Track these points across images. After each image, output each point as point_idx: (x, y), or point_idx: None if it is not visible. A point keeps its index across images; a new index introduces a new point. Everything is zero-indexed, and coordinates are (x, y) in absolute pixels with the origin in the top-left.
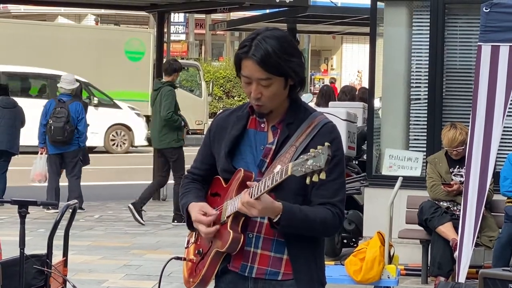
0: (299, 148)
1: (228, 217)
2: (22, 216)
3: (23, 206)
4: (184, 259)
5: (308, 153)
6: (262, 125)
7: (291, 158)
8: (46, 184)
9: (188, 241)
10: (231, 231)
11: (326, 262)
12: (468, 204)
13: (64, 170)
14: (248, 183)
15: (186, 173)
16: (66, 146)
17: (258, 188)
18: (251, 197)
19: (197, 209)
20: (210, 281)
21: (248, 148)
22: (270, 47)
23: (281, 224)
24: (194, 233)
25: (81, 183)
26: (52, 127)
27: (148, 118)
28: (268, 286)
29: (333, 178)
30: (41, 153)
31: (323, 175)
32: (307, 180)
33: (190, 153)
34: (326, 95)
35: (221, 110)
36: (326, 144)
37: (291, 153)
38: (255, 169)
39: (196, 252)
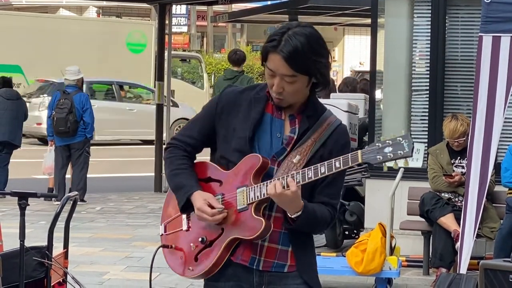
0: (318, 142)
1: (250, 204)
2: (22, 208)
3: (23, 198)
4: (171, 246)
5: (380, 142)
6: (279, 112)
7: (309, 151)
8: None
9: (166, 228)
10: (262, 219)
11: (327, 254)
12: (470, 195)
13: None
14: (291, 173)
15: (174, 140)
16: (71, 137)
17: (312, 172)
18: (296, 183)
19: (201, 198)
20: (218, 268)
21: (262, 133)
22: (300, 45)
23: (298, 223)
24: (179, 219)
25: None
26: (55, 118)
27: None
28: (273, 278)
29: (341, 177)
30: (51, 146)
31: (406, 163)
32: (385, 168)
33: None
34: None
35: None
36: (403, 131)
37: (310, 145)
38: (267, 156)
39: (200, 240)
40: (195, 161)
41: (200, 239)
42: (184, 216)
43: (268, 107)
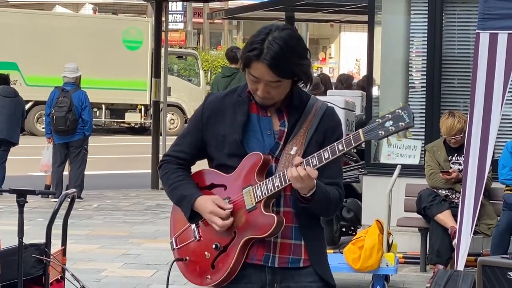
0: (310, 130)
1: (258, 202)
2: (21, 205)
3: (21, 195)
4: (185, 259)
5: (379, 118)
6: (264, 110)
7: (304, 139)
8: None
9: (176, 242)
10: (273, 215)
11: None
12: (467, 192)
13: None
14: (297, 160)
15: (166, 157)
16: (70, 136)
17: (316, 159)
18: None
19: (210, 202)
20: (236, 272)
21: (252, 133)
22: (282, 51)
23: (315, 199)
24: (188, 230)
25: None
26: (54, 116)
27: (146, 107)
28: (286, 276)
29: (339, 157)
30: (48, 143)
31: (409, 133)
32: (389, 141)
33: None
34: (323, 84)
35: (208, 93)
36: (401, 104)
37: (303, 134)
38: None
39: (213, 247)
40: (194, 171)
41: (214, 246)
42: (193, 226)
43: (252, 107)
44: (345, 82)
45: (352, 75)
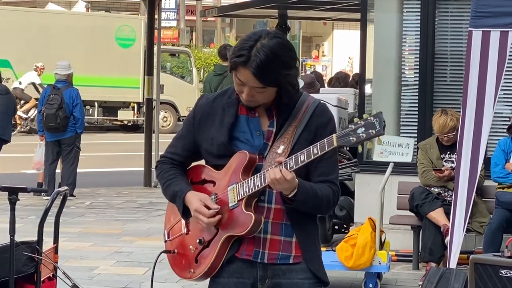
0: (299, 127)
1: (240, 200)
2: (12, 203)
3: (13, 193)
4: (173, 252)
5: (353, 123)
6: (252, 111)
7: (292, 138)
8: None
9: (169, 234)
10: (251, 214)
11: None
12: (459, 190)
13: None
14: (277, 159)
15: (162, 158)
16: (62, 133)
17: (293, 162)
18: (290, 171)
19: (197, 199)
20: (217, 268)
21: (241, 134)
22: (268, 60)
23: (297, 199)
24: (179, 224)
25: None
26: (45, 114)
27: (139, 105)
28: (277, 272)
29: (329, 155)
30: (41, 141)
31: (379, 141)
32: (359, 149)
33: None
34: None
35: (200, 96)
36: (375, 111)
37: (291, 133)
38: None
39: (197, 241)
40: (191, 165)
41: (198, 241)
42: (183, 220)
43: (241, 109)
44: (342, 80)
45: (348, 74)
